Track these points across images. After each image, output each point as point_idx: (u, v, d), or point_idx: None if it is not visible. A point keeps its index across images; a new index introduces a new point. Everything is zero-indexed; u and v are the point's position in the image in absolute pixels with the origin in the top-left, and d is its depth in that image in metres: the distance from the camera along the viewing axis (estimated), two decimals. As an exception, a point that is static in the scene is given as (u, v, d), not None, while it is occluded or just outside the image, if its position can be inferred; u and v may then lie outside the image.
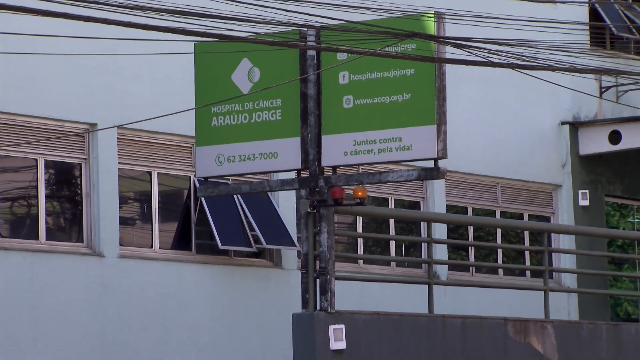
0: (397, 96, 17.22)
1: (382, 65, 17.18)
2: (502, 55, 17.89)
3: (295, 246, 20.78)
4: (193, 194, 21.11)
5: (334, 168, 17.52)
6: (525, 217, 25.55)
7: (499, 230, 24.47)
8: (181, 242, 21.55)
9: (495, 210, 25.22)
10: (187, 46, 17.46)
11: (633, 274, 25.84)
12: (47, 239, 20.06)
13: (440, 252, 23.26)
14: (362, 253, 22.86)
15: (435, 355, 18.14)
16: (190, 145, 20.15)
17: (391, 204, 23.64)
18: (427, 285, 19.04)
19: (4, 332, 19.05)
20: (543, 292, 20.03)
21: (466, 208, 24.78)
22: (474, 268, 24.80)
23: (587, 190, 26.03)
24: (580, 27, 24.89)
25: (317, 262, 17.21)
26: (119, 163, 20.63)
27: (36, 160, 20.05)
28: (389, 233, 23.33)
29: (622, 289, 27.10)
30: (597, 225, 25.65)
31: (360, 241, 23.00)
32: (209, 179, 18.58)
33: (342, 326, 17.05)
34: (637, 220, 27.62)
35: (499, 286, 23.15)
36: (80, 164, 20.45)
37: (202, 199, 20.68)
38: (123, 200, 20.86)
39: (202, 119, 18.17)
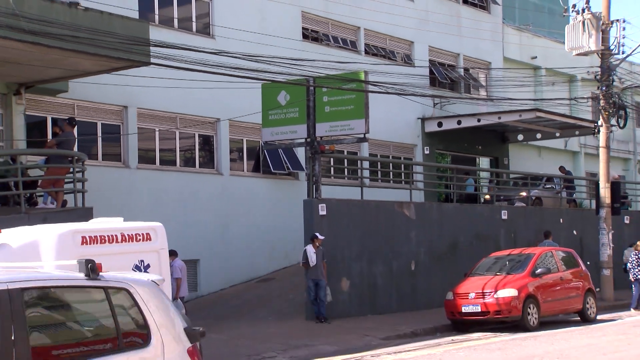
0: (347, 107, 16.94)
1: (341, 93, 16.92)
2: (394, 89, 17.54)
3: (305, 170, 20.37)
4: (261, 148, 20.67)
5: (321, 137, 17.16)
6: (402, 159, 25.12)
7: (391, 164, 23.95)
8: (256, 168, 21.15)
9: (389, 155, 24.77)
10: (258, 85, 17.01)
11: (446, 182, 25.30)
12: (199, 167, 19.68)
13: (365, 174, 22.85)
14: (332, 173, 22.44)
15: (365, 219, 17.78)
16: (259, 127, 19.67)
17: (345, 153, 23.19)
18: (360, 188, 18.61)
19: (175, 214, 18.68)
20: (409, 190, 19.58)
21: (377, 154, 24.31)
22: (379, 181, 24.40)
23: (428, 147, 25.62)
24: (424, 76, 24.44)
25: (314, 177, 16.83)
26: (229, 136, 20.22)
27: (194, 134, 19.57)
28: (344, 165, 22.89)
29: (441, 189, 26.74)
30: (431, 162, 25.26)
31: (332, 169, 22.56)
32: (268, 142, 18.14)
33: (324, 204, 16.73)
34: (447, 160, 27.22)
35: (391, 188, 22.77)
36: (212, 136, 20.01)
37: (265, 150, 20.27)
38: (231, 151, 20.44)
39: (265, 116, 17.76)
